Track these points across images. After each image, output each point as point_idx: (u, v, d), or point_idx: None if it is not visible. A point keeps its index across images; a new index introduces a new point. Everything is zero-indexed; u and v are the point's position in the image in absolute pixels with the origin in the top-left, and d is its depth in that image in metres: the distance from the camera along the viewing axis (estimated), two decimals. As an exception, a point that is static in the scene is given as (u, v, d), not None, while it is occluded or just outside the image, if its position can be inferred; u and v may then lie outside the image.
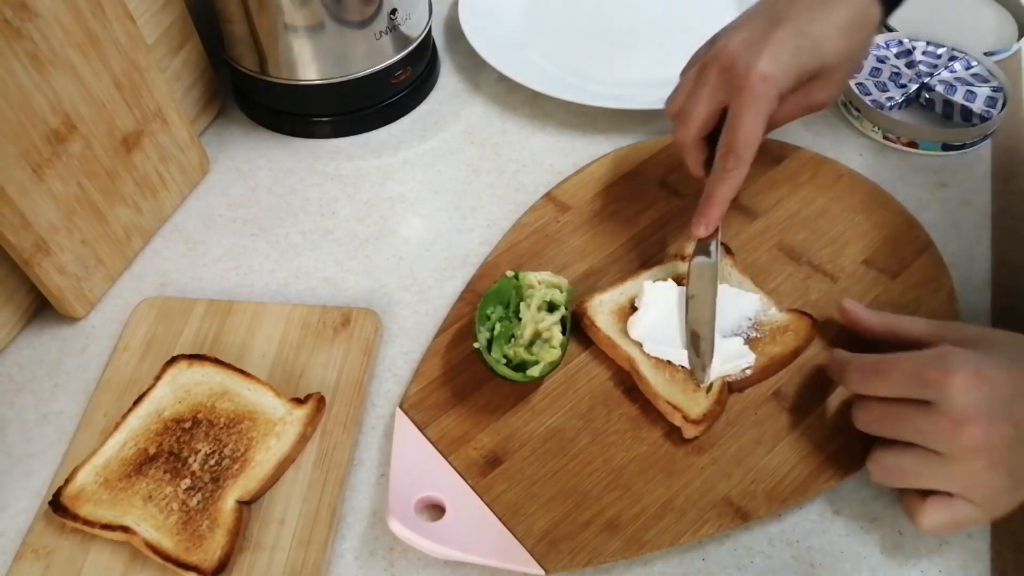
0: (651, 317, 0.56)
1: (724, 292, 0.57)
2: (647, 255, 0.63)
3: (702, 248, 0.58)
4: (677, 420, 0.52)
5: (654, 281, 0.58)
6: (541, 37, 0.81)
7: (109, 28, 0.58)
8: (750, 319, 0.57)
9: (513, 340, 0.55)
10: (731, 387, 0.54)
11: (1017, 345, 0.46)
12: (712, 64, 0.54)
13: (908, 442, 0.45)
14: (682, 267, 0.60)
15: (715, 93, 0.54)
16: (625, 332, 0.56)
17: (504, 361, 0.54)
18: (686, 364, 0.54)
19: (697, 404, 0.52)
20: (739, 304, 0.57)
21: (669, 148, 0.70)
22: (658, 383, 0.54)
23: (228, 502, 0.50)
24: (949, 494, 0.45)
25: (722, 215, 0.56)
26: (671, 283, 0.58)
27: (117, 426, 0.53)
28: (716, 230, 0.57)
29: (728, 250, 0.61)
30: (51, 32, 0.54)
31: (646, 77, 0.77)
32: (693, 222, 0.57)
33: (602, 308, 0.58)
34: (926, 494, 0.46)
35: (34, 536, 0.50)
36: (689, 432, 0.52)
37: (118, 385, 0.57)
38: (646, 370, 0.54)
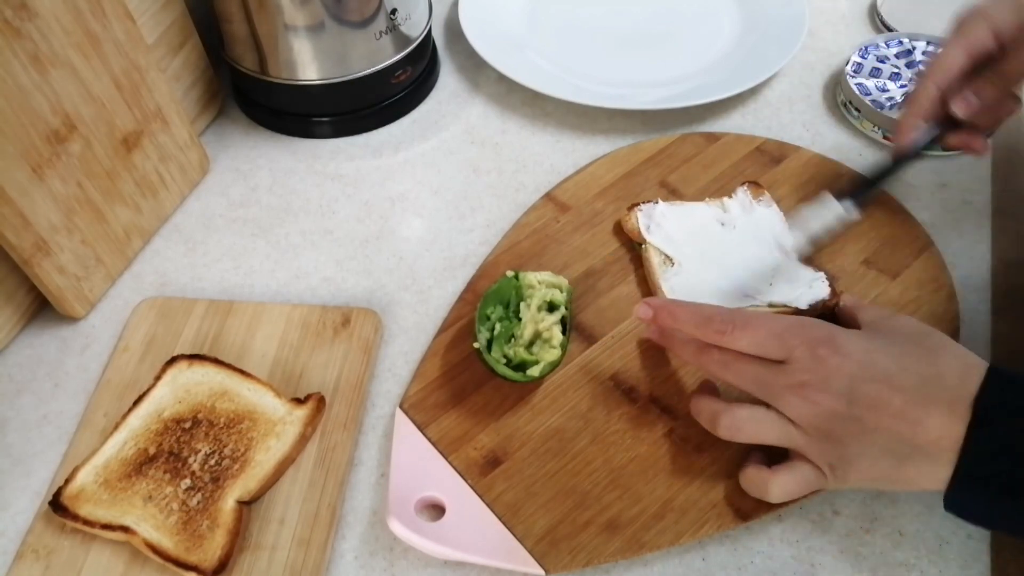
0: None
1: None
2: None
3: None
4: None
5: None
6: (541, 37, 0.81)
7: (109, 28, 0.58)
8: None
9: (513, 340, 0.55)
10: None
11: (907, 334, 0.47)
12: None
13: (755, 401, 0.48)
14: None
15: (949, 38, 0.58)
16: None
17: (504, 361, 0.54)
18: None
19: None
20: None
21: (669, 148, 0.70)
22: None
23: (228, 502, 0.50)
24: (793, 459, 0.47)
25: (913, 125, 0.60)
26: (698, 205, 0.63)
27: (117, 426, 0.53)
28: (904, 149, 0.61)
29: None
30: (51, 32, 0.54)
31: (646, 77, 0.77)
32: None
33: None
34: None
35: (34, 536, 0.50)
36: None
37: (118, 385, 0.57)
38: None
